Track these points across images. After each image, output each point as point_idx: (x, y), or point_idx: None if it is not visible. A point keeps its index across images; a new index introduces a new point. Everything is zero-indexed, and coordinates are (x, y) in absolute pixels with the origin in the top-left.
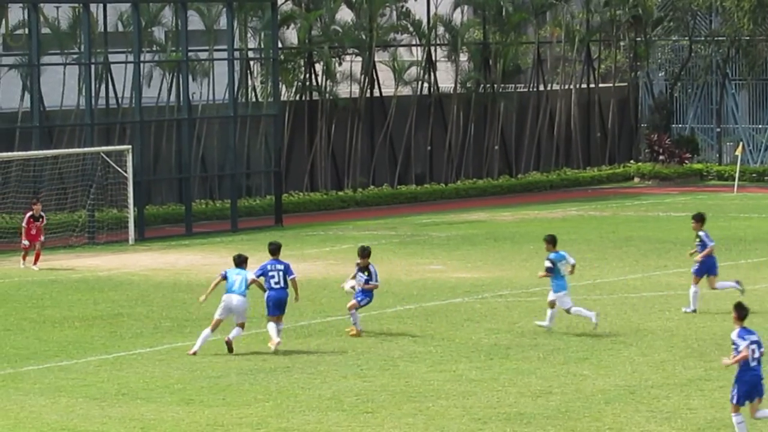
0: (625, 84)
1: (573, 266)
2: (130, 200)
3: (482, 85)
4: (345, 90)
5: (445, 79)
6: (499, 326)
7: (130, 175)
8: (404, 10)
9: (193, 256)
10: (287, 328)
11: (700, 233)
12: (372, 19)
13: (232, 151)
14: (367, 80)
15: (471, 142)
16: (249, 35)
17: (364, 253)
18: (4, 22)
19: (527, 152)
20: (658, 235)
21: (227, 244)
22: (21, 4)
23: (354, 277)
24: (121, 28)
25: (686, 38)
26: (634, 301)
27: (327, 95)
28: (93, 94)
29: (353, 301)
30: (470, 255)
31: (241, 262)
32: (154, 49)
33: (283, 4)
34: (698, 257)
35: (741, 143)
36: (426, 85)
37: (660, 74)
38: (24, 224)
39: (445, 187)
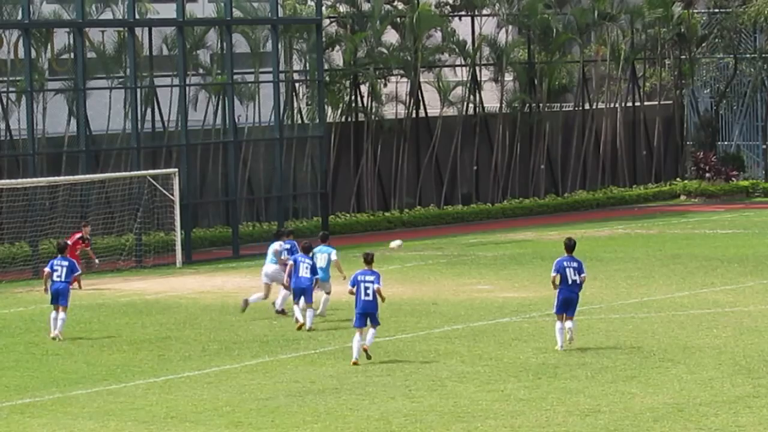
0: (671, 102)
1: None
2: (177, 223)
3: (528, 105)
4: (391, 111)
5: (491, 98)
6: (547, 345)
7: (176, 199)
8: (449, 30)
9: (241, 279)
10: (336, 349)
11: None
12: (417, 40)
13: (279, 173)
14: (412, 101)
15: (517, 162)
16: (294, 57)
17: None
18: (49, 46)
19: (573, 171)
20: (705, 253)
21: None
22: (66, 29)
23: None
24: (166, 52)
25: (731, 56)
26: (681, 318)
27: (373, 116)
28: (139, 118)
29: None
30: (517, 274)
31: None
32: (200, 72)
33: (328, 26)
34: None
35: None
36: (471, 105)
37: (705, 92)
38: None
39: (492, 206)
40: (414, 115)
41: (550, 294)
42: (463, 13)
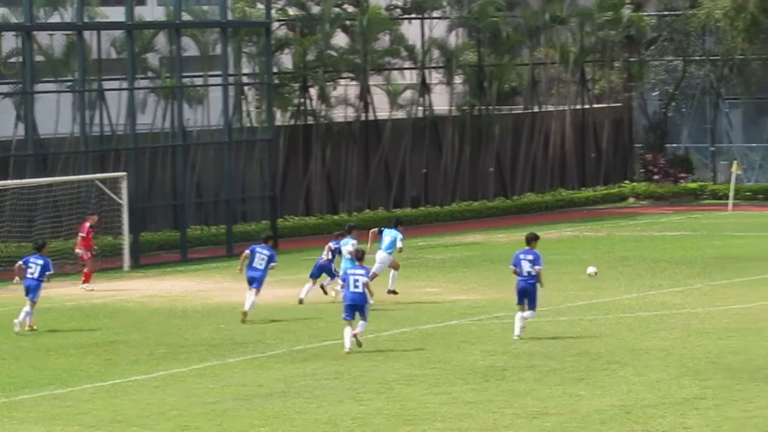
0: (620, 104)
1: None
2: (125, 227)
3: (477, 107)
4: (340, 114)
5: (440, 101)
6: (495, 348)
7: (125, 202)
8: (398, 33)
9: (189, 282)
10: (284, 352)
11: None
12: (367, 43)
13: (227, 177)
14: (361, 104)
15: (466, 164)
16: (244, 60)
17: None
18: None
19: (522, 174)
20: (653, 255)
21: (222, 269)
22: (14, 32)
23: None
24: (114, 55)
25: (680, 58)
26: (629, 320)
27: (322, 119)
28: (87, 122)
29: None
30: (466, 277)
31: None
32: (149, 75)
33: (277, 29)
34: None
35: (735, 161)
36: (421, 108)
37: (654, 94)
38: (83, 234)
39: (441, 209)
40: (363, 118)
41: (498, 297)
42: (413, 15)
